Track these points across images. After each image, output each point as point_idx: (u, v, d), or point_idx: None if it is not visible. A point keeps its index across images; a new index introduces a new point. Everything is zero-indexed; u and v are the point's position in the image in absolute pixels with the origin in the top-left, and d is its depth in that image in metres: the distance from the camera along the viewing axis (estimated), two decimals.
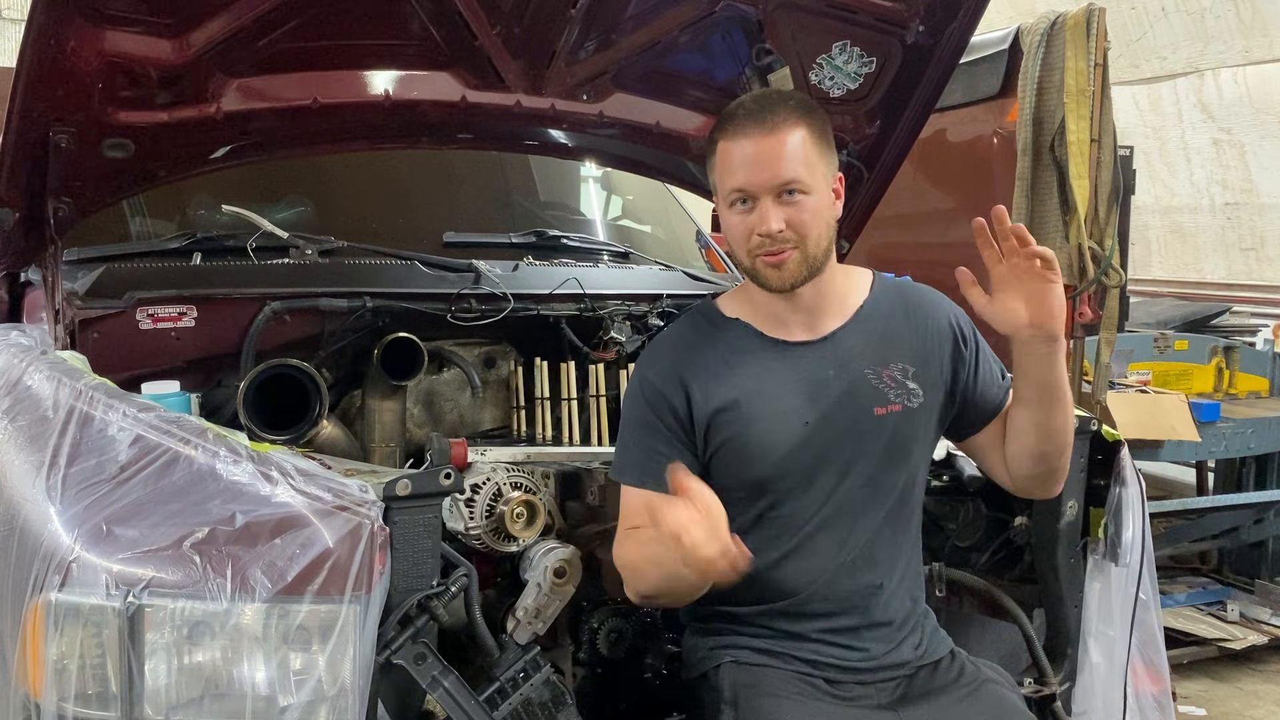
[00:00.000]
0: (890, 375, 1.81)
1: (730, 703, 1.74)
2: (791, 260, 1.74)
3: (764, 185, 1.72)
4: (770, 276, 1.76)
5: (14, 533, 1.51)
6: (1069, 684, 2.06)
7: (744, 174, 1.73)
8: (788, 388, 1.80)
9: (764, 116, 1.73)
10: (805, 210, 1.73)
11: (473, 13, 2.12)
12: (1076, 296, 3.70)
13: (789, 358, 1.82)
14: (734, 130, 1.75)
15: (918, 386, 1.82)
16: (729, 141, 1.75)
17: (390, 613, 1.46)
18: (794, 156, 1.72)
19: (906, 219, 4.36)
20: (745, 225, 1.75)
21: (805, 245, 1.74)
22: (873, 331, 1.84)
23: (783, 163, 1.71)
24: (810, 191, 1.73)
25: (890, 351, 1.83)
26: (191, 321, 2.21)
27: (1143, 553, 2.05)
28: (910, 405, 1.81)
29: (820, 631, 1.77)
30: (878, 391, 1.80)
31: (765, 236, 1.73)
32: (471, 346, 2.45)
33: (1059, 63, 3.63)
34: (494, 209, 3.07)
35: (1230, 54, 7.38)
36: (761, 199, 1.72)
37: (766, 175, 1.72)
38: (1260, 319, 6.00)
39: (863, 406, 1.80)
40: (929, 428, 1.85)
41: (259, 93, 2.16)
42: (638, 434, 1.81)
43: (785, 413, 1.78)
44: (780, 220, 1.72)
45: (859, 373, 1.81)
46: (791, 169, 1.72)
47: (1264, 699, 3.98)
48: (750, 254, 1.76)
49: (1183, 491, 5.17)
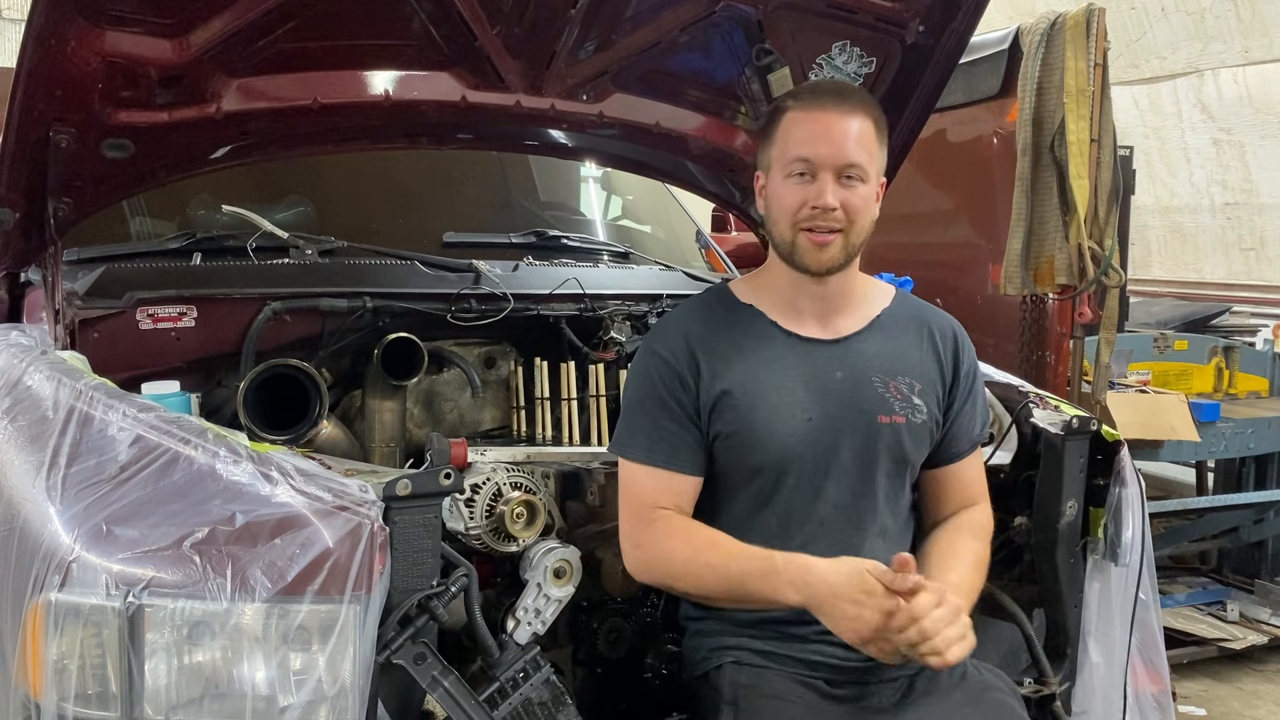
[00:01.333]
0: (897, 387, 1.83)
1: (731, 703, 1.74)
2: (835, 244, 1.77)
3: (830, 160, 1.74)
4: (810, 255, 1.78)
5: (14, 533, 1.51)
6: (1069, 684, 2.06)
7: (812, 145, 1.75)
8: (795, 381, 1.81)
9: (843, 96, 1.78)
10: (860, 196, 1.76)
11: (473, 13, 2.12)
12: (1076, 297, 3.70)
13: (800, 352, 1.83)
14: (810, 102, 1.79)
15: (922, 403, 1.84)
16: (802, 112, 1.78)
17: (390, 613, 1.45)
18: (862, 142, 1.76)
19: (906, 219, 4.36)
20: (800, 195, 1.76)
21: (850, 232, 1.77)
22: (887, 342, 1.86)
23: (852, 143, 1.75)
24: (867, 180, 1.77)
25: (900, 364, 1.85)
26: (191, 321, 2.21)
27: (1142, 553, 2.05)
28: (914, 420, 1.83)
29: (820, 633, 1.77)
30: (883, 400, 1.81)
31: (820, 209, 1.75)
32: (471, 346, 2.45)
33: (1059, 63, 3.62)
34: (494, 209, 3.07)
35: (1230, 54, 7.38)
36: (822, 173, 1.75)
37: (836, 151, 1.75)
38: (1260, 319, 6.00)
39: (867, 412, 1.80)
40: (925, 445, 1.87)
41: (259, 93, 2.16)
42: (645, 409, 1.82)
43: (789, 404, 1.79)
44: (837, 199, 1.74)
45: (867, 379, 1.82)
46: (859, 152, 1.75)
47: (1264, 699, 3.98)
48: (796, 226, 1.78)
49: (1183, 491, 5.17)
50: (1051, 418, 2.07)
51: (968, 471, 1.93)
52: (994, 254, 3.95)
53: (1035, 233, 3.72)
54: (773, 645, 1.79)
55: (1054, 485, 2.03)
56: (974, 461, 1.95)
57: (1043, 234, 3.71)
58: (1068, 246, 3.63)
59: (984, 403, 1.97)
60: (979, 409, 1.94)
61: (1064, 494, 2.03)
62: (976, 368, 1.94)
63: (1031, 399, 2.15)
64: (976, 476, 1.95)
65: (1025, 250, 3.72)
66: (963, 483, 1.93)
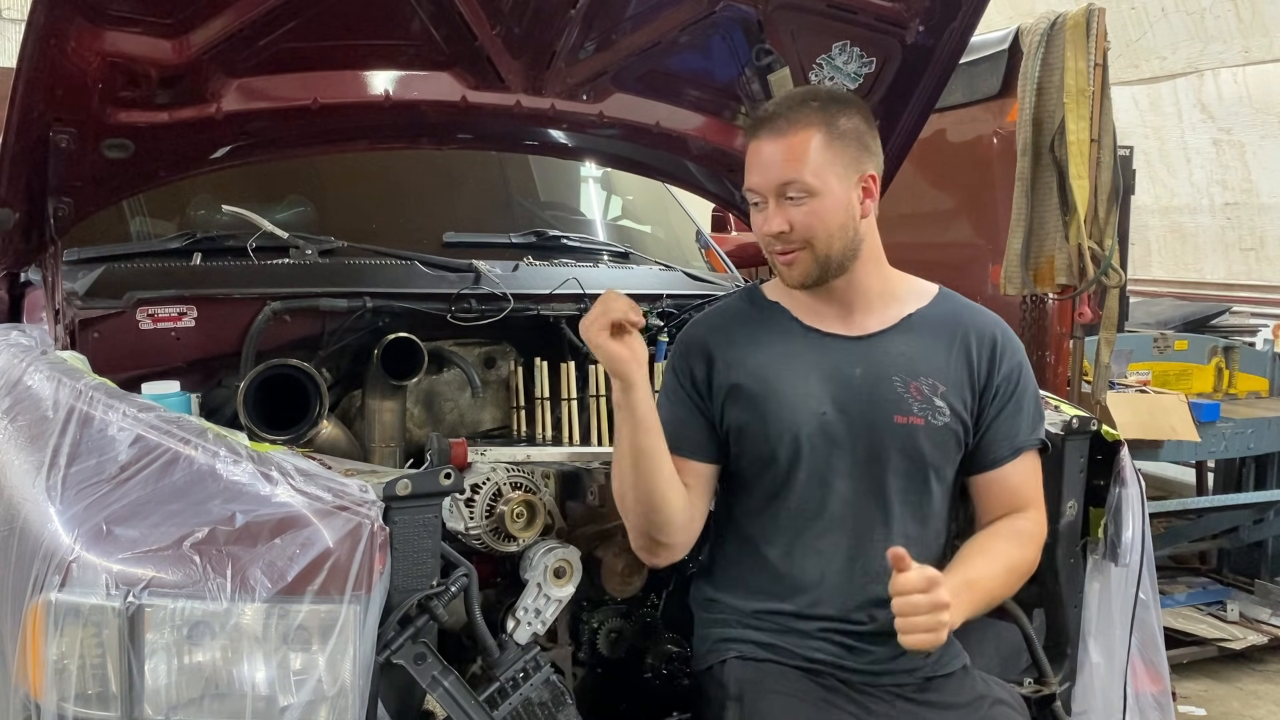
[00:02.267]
0: (918, 388, 1.81)
1: (736, 699, 1.75)
2: (800, 260, 1.78)
3: (766, 186, 1.77)
4: (784, 274, 1.82)
5: (14, 533, 1.51)
6: (1069, 684, 2.06)
7: (752, 175, 1.79)
8: (811, 375, 1.82)
9: (777, 120, 1.78)
10: (808, 212, 1.75)
11: (473, 13, 2.12)
12: (1076, 296, 3.70)
13: (819, 347, 1.84)
14: (753, 132, 1.81)
15: (945, 405, 1.81)
16: (752, 142, 1.81)
17: (390, 613, 1.46)
18: (799, 160, 1.74)
19: (906, 219, 4.36)
20: (758, 224, 1.81)
21: (814, 246, 1.77)
22: (913, 342, 1.85)
23: (784, 165, 1.75)
24: (817, 193, 1.75)
25: (924, 365, 1.83)
26: (191, 321, 2.21)
27: (1142, 553, 2.05)
28: (934, 422, 1.81)
29: (824, 631, 1.77)
30: (901, 400, 1.80)
31: (771, 236, 1.77)
32: (471, 346, 2.45)
33: (1059, 63, 3.62)
34: (494, 209, 3.07)
35: (1230, 54, 7.38)
36: (768, 200, 1.77)
37: (768, 177, 1.76)
38: (1260, 319, 5.99)
39: (883, 411, 1.80)
40: (949, 448, 1.84)
41: (259, 93, 2.16)
42: (666, 401, 1.87)
43: (805, 397, 1.80)
44: (784, 222, 1.75)
45: (886, 377, 1.81)
46: (792, 171, 1.74)
47: (1264, 699, 3.98)
48: (767, 250, 1.82)
49: (1183, 491, 5.17)
50: (1051, 418, 2.07)
51: (1010, 478, 1.87)
52: (994, 254, 3.94)
53: (1035, 233, 3.72)
54: (777, 639, 1.80)
55: (1054, 485, 2.02)
56: (1019, 468, 1.87)
57: (1043, 234, 3.70)
58: (1068, 246, 3.63)
59: (1034, 408, 1.90)
60: (1025, 414, 1.87)
61: (1064, 494, 2.03)
62: (1022, 371, 1.88)
63: None
64: (1021, 483, 1.88)
65: (1025, 250, 3.72)
66: (1005, 489, 1.87)
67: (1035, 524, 1.87)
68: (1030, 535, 1.86)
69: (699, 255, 3.31)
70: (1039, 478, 1.92)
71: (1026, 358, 1.91)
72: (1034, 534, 1.86)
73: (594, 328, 1.66)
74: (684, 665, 2.02)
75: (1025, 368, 1.90)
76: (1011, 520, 1.86)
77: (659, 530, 1.76)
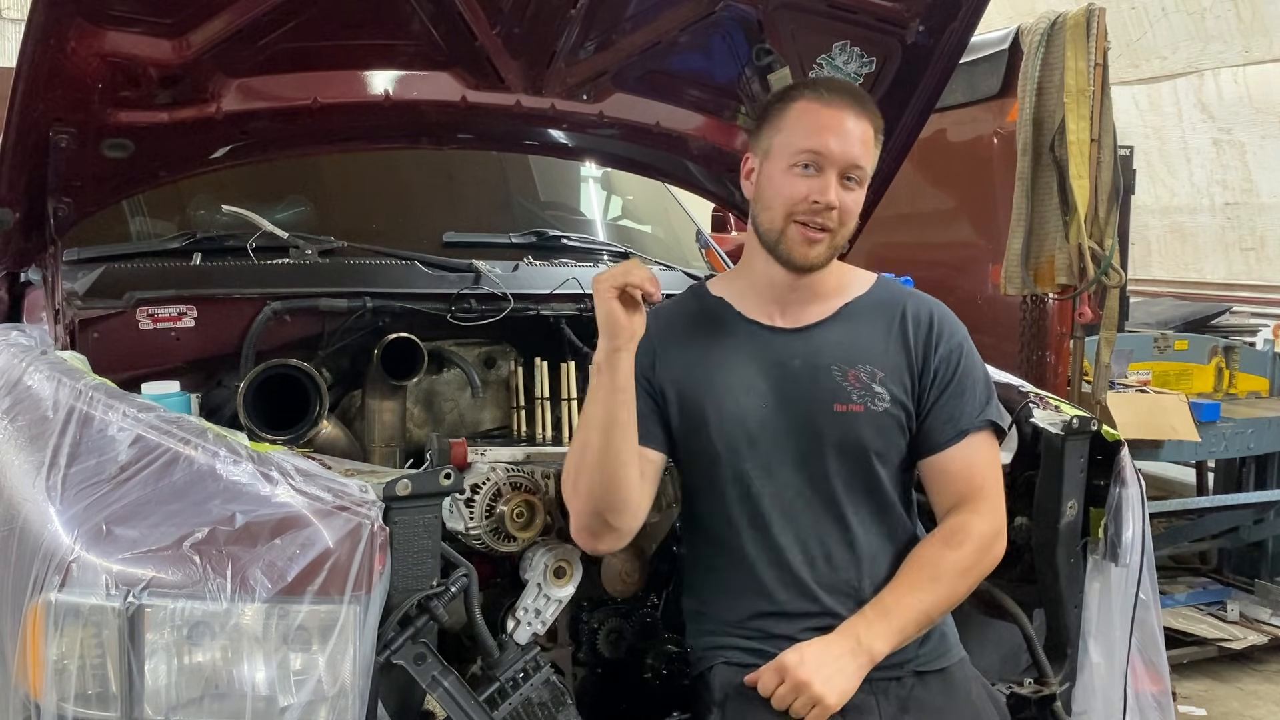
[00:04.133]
0: (856, 375, 1.81)
1: (719, 705, 1.76)
2: (824, 242, 1.78)
3: (839, 157, 1.76)
4: (798, 250, 1.79)
5: (14, 533, 1.51)
6: (1069, 684, 2.06)
7: (823, 139, 1.76)
8: (750, 367, 1.82)
9: (857, 98, 1.80)
10: (854, 200, 1.79)
11: (473, 13, 2.12)
12: (1077, 296, 3.70)
13: (759, 340, 1.84)
14: (827, 96, 1.79)
15: (884, 391, 1.81)
16: (817, 103, 1.78)
17: (390, 613, 1.46)
18: (868, 147, 1.78)
19: (906, 219, 4.36)
20: (804, 188, 1.76)
21: (838, 234, 1.79)
22: (849, 330, 1.85)
23: (860, 146, 1.77)
24: (862, 186, 1.80)
25: (861, 353, 1.83)
26: (191, 321, 2.21)
27: (1143, 553, 2.05)
28: (873, 408, 1.80)
29: (805, 631, 1.76)
30: (840, 388, 1.81)
31: (821, 205, 1.75)
32: (471, 346, 2.45)
33: (1059, 63, 3.63)
34: (494, 209, 3.07)
35: (1230, 54, 7.38)
36: (829, 170, 1.76)
37: (845, 149, 1.76)
38: (1260, 319, 6.00)
39: (822, 400, 1.80)
40: (892, 434, 1.82)
41: (259, 93, 2.16)
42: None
43: (745, 390, 1.81)
44: (837, 198, 1.76)
45: (824, 367, 1.82)
46: (864, 156, 1.78)
47: (1264, 699, 3.98)
48: (790, 217, 1.78)
49: (1183, 491, 5.17)
50: (1051, 418, 2.07)
51: (954, 462, 1.82)
52: (994, 254, 3.95)
53: (1035, 233, 3.72)
54: (762, 644, 1.78)
55: (1054, 485, 2.03)
56: (964, 451, 1.82)
57: (1043, 234, 3.71)
58: (1068, 246, 3.63)
59: (980, 390, 1.85)
60: (970, 396, 1.83)
61: (1064, 494, 2.03)
62: (963, 352, 1.85)
63: (1032, 399, 2.15)
64: (968, 467, 1.82)
65: (1025, 250, 3.72)
66: (952, 474, 1.82)
67: (976, 516, 1.80)
68: (967, 532, 1.78)
69: (699, 255, 3.30)
70: (992, 463, 1.86)
71: (969, 339, 1.89)
72: (971, 529, 1.78)
73: (606, 284, 1.65)
74: (684, 665, 2.01)
75: (967, 349, 1.87)
76: (954, 520, 1.81)
77: (612, 511, 1.73)
